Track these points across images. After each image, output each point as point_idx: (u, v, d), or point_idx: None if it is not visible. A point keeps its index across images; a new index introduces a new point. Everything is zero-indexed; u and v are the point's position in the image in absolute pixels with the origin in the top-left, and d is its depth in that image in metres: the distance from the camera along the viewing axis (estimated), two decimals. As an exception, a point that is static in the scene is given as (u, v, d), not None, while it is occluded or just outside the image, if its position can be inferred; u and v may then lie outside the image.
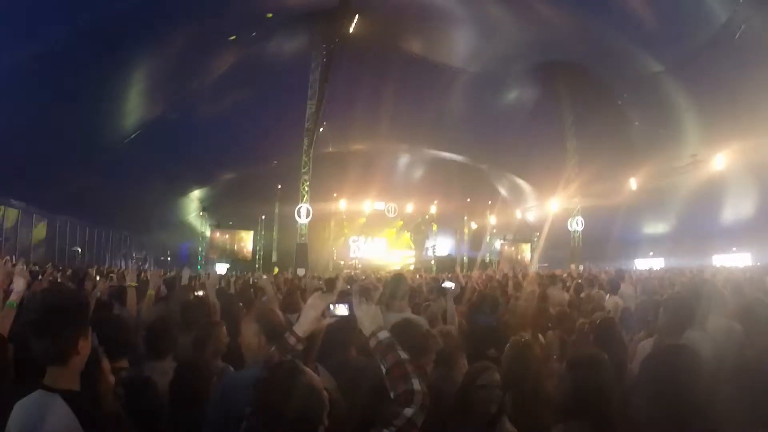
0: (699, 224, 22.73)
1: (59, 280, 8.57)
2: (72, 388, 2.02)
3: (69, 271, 11.84)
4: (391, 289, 4.72)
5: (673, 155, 20.94)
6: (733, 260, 20.71)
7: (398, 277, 4.98)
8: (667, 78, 19.22)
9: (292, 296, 6.14)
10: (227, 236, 31.85)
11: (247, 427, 1.92)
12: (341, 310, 2.36)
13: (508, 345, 3.27)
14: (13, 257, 13.97)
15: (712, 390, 2.61)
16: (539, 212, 32.19)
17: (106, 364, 2.43)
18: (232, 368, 3.55)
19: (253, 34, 19.90)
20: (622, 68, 20.56)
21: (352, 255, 34.26)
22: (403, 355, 2.13)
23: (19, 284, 3.23)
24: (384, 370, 2.11)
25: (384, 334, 2.19)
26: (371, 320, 2.23)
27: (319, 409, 1.83)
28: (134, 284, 5.40)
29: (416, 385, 2.05)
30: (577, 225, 24.87)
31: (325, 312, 2.39)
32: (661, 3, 16.40)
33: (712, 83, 17.31)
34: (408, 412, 1.99)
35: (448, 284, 5.19)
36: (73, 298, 2.22)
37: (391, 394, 2.05)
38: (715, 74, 16.94)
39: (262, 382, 1.85)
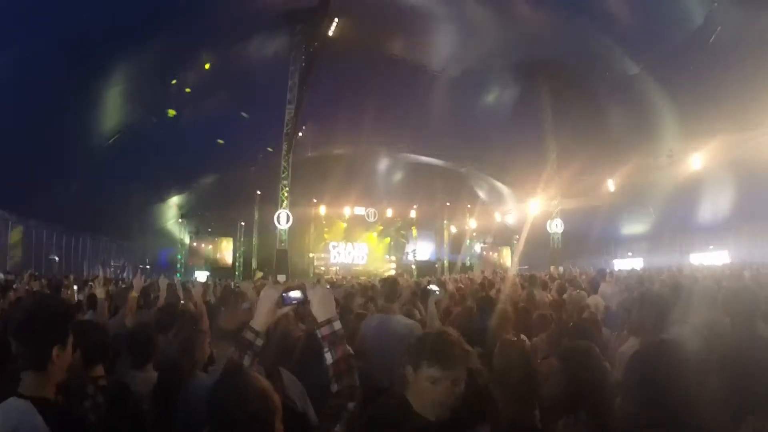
0: (676, 223, 23.08)
1: (35, 290, 8.41)
2: (46, 396, 2.02)
3: (44, 281, 11.62)
4: (387, 292, 4.74)
5: (651, 154, 21.26)
6: (710, 258, 21.06)
7: (391, 281, 5.02)
8: (644, 78, 19.57)
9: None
10: (206, 244, 31.57)
11: None
12: (295, 294, 2.25)
13: (498, 344, 3.25)
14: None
15: (700, 383, 2.62)
16: (519, 215, 32.42)
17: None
18: None
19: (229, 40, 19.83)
20: (601, 68, 20.92)
21: (332, 260, 34.17)
22: (350, 350, 2.14)
23: None
24: (330, 360, 2.09)
25: (338, 325, 2.16)
26: (326, 306, 2.19)
27: (271, 415, 1.77)
28: (102, 296, 5.36)
29: (357, 381, 2.08)
30: (556, 227, 25.07)
31: (279, 301, 2.26)
32: (639, 4, 16.75)
33: (689, 83, 17.62)
34: (351, 406, 2.01)
35: (433, 287, 5.18)
36: (56, 307, 2.25)
37: (334, 387, 2.06)
38: (692, 74, 17.29)
39: (213, 392, 1.80)
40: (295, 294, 2.25)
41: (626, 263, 25.30)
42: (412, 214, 34.45)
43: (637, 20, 17.24)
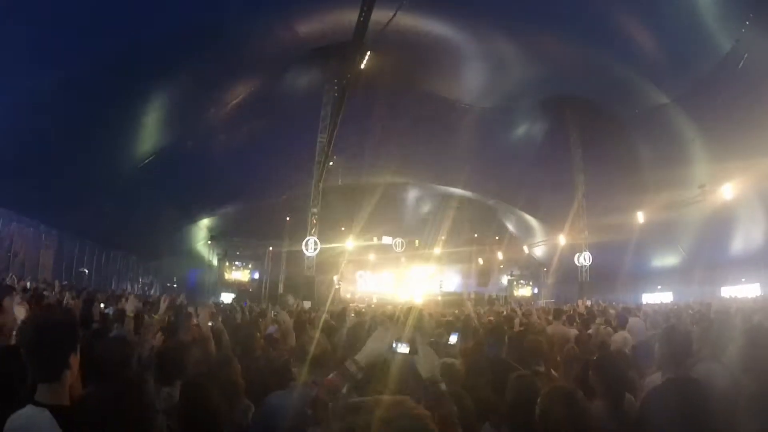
0: (707, 256, 22.52)
1: (66, 302, 8.58)
2: (61, 403, 2.10)
3: (74, 292, 11.91)
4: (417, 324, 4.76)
5: (681, 187, 20.89)
6: (742, 291, 20.50)
7: (421, 314, 5.04)
8: (673, 109, 19.34)
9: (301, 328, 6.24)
10: (234, 266, 31.95)
11: None
12: (403, 348, 2.37)
13: (511, 377, 3.27)
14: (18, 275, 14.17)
15: (726, 420, 2.60)
16: (546, 248, 32.11)
17: None
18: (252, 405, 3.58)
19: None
20: (628, 101, 20.78)
21: (359, 289, 34.15)
22: (453, 408, 2.24)
23: (20, 313, 3.37)
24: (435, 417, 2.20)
25: (443, 386, 2.29)
26: (430, 365, 2.34)
27: None
28: (131, 315, 5.43)
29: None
30: (584, 260, 24.75)
31: (391, 347, 2.39)
32: (664, 35, 16.54)
33: (718, 113, 17.30)
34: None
35: (453, 339, 5.14)
36: (64, 319, 2.34)
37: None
38: (721, 104, 16.94)
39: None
40: (403, 349, 2.36)
41: (655, 297, 24.77)
42: (440, 245, 34.35)
43: (664, 51, 17.09)
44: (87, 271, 21.45)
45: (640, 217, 22.60)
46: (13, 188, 15.03)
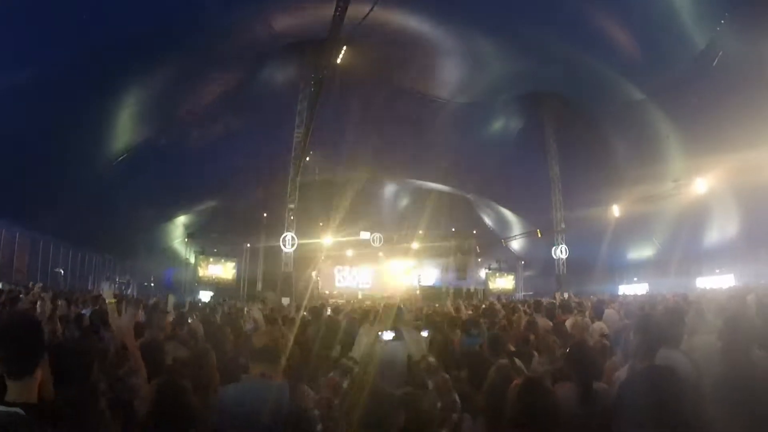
0: (682, 248, 23.01)
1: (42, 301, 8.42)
2: (29, 401, 2.09)
3: (50, 293, 11.68)
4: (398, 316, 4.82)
5: (656, 181, 21.28)
6: (716, 282, 20.96)
7: (399, 308, 5.10)
8: (647, 105, 19.70)
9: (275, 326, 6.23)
10: (212, 264, 31.66)
11: None
12: (388, 335, 2.90)
13: (491, 369, 3.30)
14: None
15: (693, 407, 2.66)
16: (524, 241, 32.44)
17: None
18: None
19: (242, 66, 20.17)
20: (604, 97, 21.08)
21: (337, 284, 34.11)
22: (446, 375, 2.69)
23: None
24: (432, 386, 2.63)
25: (432, 359, 2.74)
26: (419, 346, 2.80)
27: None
28: (113, 301, 5.27)
29: (456, 396, 2.62)
30: (561, 253, 25.08)
31: (377, 338, 2.87)
32: (640, 32, 16.82)
33: (692, 109, 17.71)
34: (454, 416, 2.54)
35: (424, 334, 5.18)
36: (29, 317, 2.37)
37: (439, 404, 2.54)
38: (695, 100, 17.36)
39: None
40: (388, 336, 2.90)
41: (632, 289, 25.20)
42: (418, 239, 34.42)
43: (639, 48, 17.37)
44: (63, 272, 21.07)
45: (616, 210, 22.95)
46: (-16, 190, 14.67)
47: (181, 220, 29.60)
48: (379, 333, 2.88)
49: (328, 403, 2.55)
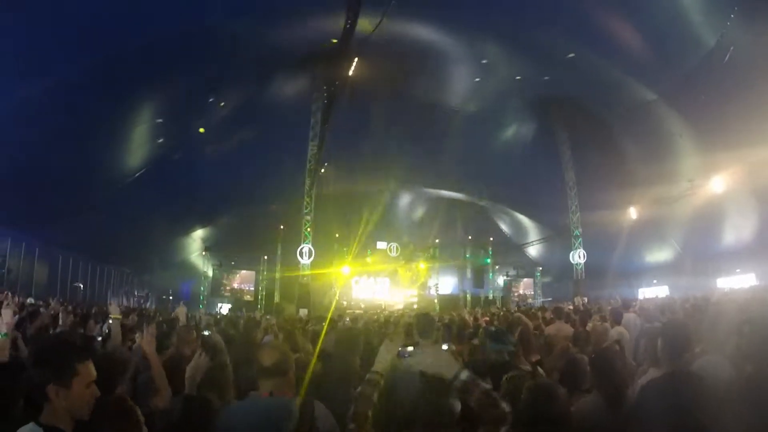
0: (701, 249, 22.67)
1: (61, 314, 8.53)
2: (59, 427, 2.13)
3: (69, 307, 11.84)
4: (422, 327, 4.77)
5: (671, 182, 21.03)
6: (737, 282, 20.60)
7: (427, 316, 5.06)
8: (660, 105, 19.48)
9: (292, 337, 6.23)
10: (230, 276, 31.89)
11: None
12: (409, 350, 2.92)
13: (503, 379, 3.30)
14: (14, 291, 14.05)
15: (720, 417, 2.61)
16: (540, 247, 32.21)
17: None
18: None
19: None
20: (616, 99, 20.91)
21: (354, 295, 34.09)
22: (487, 386, 2.62)
23: (6, 315, 3.37)
24: (473, 404, 2.56)
25: (465, 374, 2.67)
26: (449, 365, 2.74)
27: None
28: (118, 316, 5.25)
29: (506, 407, 2.52)
30: (579, 258, 24.82)
31: (399, 353, 2.88)
32: (649, 32, 16.64)
33: (705, 107, 17.42)
34: (503, 429, 2.42)
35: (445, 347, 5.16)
36: (71, 340, 2.34)
37: (485, 419, 2.49)
38: (708, 98, 17.09)
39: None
40: (410, 349, 2.91)
41: (651, 291, 24.86)
42: (434, 248, 34.36)
43: (649, 48, 17.19)
44: (81, 286, 21.33)
45: (633, 212, 22.69)
46: (5, 204, 14.94)
47: (198, 233, 29.89)
48: (400, 349, 2.89)
49: (363, 417, 2.59)
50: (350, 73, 17.71)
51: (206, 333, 5.98)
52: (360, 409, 2.62)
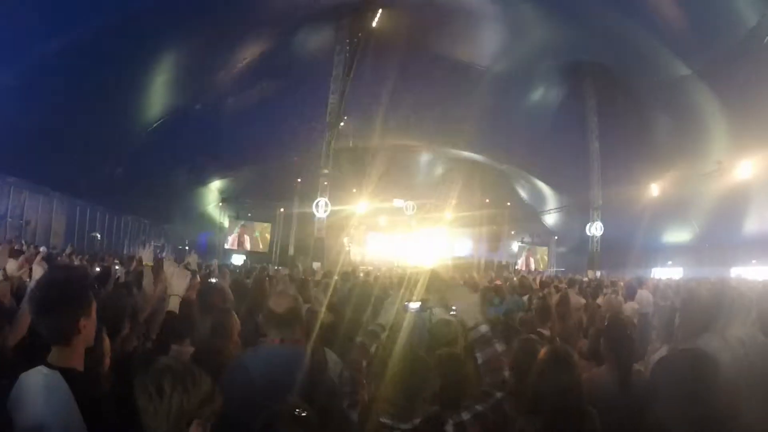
0: (720, 234, 22.22)
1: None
2: (74, 367, 2.05)
3: (86, 257, 12.02)
4: (431, 285, 4.79)
5: (698, 161, 20.50)
6: (752, 273, 20.23)
7: (437, 274, 5.05)
8: (694, 82, 18.85)
9: (304, 288, 6.30)
10: (245, 228, 32.16)
11: None
12: (414, 306, 2.88)
13: (517, 340, 3.27)
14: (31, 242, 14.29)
15: (731, 400, 2.56)
16: (558, 216, 31.94)
17: (107, 343, 2.48)
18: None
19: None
20: (649, 71, 20.24)
21: (369, 251, 34.25)
22: (500, 348, 2.50)
23: (37, 273, 3.33)
24: (480, 360, 2.47)
25: (485, 328, 2.55)
26: (471, 315, 2.62)
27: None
28: (151, 264, 5.27)
29: (506, 374, 2.46)
30: (596, 230, 24.57)
31: (404, 307, 2.84)
32: (689, 6, 16.12)
33: (740, 88, 16.86)
34: (499, 394, 2.35)
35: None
36: (75, 277, 2.27)
37: (486, 379, 2.42)
38: (744, 79, 16.51)
39: None
40: (415, 304, 2.90)
41: (666, 272, 24.60)
42: (451, 209, 34.14)
43: (688, 21, 16.62)
44: (99, 236, 21.63)
45: (654, 189, 22.27)
46: (24, 157, 15.02)
47: (216, 184, 30.02)
48: (406, 303, 2.83)
49: (357, 365, 2.55)
50: (374, 24, 17.33)
51: (213, 281, 6.04)
52: (355, 357, 2.60)
